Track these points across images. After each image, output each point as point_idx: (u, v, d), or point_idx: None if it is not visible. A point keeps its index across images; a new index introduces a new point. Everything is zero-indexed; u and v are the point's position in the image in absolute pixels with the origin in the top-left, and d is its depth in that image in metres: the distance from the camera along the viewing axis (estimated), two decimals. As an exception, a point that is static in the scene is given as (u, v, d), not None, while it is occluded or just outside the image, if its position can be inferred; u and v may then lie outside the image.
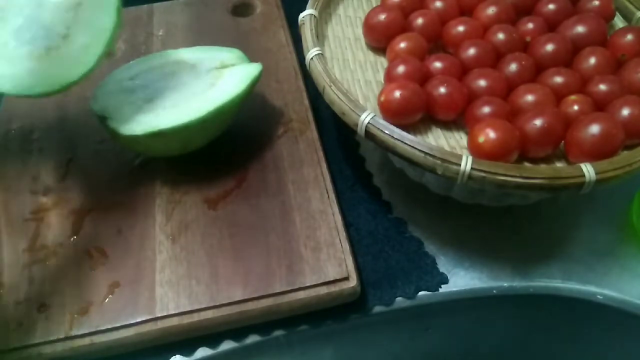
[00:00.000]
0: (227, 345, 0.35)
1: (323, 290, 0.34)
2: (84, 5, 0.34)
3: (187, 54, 0.42)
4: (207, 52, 0.43)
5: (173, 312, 0.33)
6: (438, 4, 0.43)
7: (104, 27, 0.35)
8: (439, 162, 0.32)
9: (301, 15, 0.42)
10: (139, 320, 0.33)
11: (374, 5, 0.46)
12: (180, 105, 0.38)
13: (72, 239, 0.37)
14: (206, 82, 0.40)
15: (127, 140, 0.37)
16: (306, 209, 0.38)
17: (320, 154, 0.42)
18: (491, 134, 0.33)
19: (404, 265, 0.38)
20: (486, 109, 0.35)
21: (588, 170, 0.31)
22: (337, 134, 0.46)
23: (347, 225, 0.39)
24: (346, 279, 0.35)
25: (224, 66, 0.41)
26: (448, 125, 0.37)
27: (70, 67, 0.34)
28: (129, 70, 0.41)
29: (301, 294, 0.34)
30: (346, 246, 0.36)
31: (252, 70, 0.41)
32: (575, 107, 0.35)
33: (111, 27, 0.35)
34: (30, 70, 0.33)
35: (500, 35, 0.40)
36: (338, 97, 0.36)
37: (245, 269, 0.35)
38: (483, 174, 0.31)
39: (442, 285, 0.37)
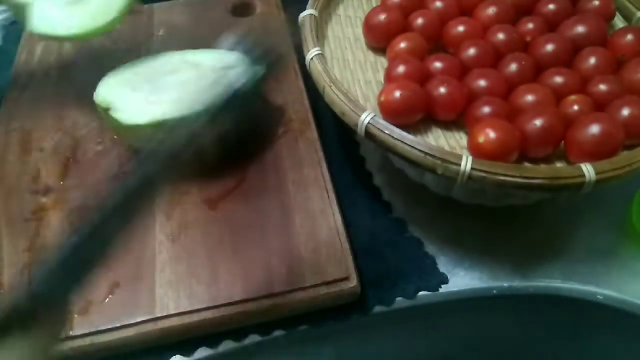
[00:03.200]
0: (227, 345, 0.35)
1: (323, 290, 0.34)
2: None
3: (190, 56, 0.42)
4: (209, 54, 0.43)
5: (173, 312, 0.33)
6: (438, 4, 0.43)
7: None
8: (439, 162, 0.32)
9: (301, 15, 0.42)
10: (139, 320, 0.33)
11: (374, 5, 0.45)
12: (184, 100, 0.38)
13: (72, 239, 0.37)
14: (208, 81, 0.40)
15: (129, 131, 0.37)
16: (306, 209, 0.38)
17: (320, 154, 0.42)
18: (491, 134, 0.33)
19: (404, 265, 0.38)
20: (486, 109, 0.35)
21: (588, 170, 0.31)
22: (337, 134, 0.46)
23: (347, 225, 0.39)
24: (346, 279, 0.35)
25: (225, 67, 0.41)
26: (448, 125, 0.37)
27: (97, 16, 0.40)
28: (133, 67, 0.41)
29: (301, 294, 0.34)
30: (346, 246, 0.36)
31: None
32: (575, 107, 0.35)
33: None
34: (67, 16, 0.40)
35: (500, 35, 0.40)
36: (338, 97, 0.36)
37: (245, 269, 0.35)
38: (483, 174, 0.31)
39: (442, 285, 0.37)
